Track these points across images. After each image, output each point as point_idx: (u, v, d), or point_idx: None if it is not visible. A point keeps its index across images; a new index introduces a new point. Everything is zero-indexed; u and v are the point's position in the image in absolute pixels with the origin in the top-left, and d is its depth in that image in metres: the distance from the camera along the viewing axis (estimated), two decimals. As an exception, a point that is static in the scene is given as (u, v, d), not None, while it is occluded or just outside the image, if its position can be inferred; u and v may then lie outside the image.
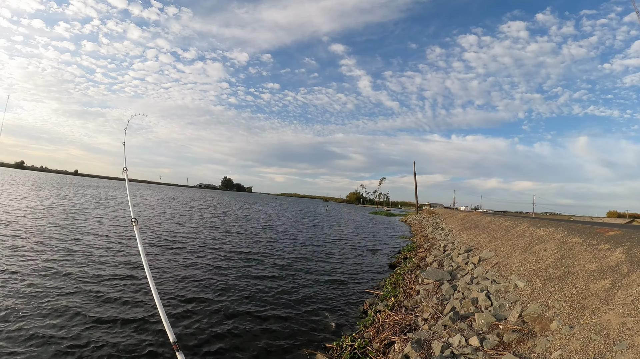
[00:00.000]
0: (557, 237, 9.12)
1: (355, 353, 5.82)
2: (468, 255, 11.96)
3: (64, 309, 6.97)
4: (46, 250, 11.58)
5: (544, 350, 4.23)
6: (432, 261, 12.84)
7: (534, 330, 4.87)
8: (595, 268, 5.85)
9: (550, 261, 7.36)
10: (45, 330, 6.00)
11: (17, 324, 6.10)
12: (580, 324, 4.38)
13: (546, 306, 5.30)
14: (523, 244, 10.09)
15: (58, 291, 7.93)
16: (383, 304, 8.49)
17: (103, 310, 7.13)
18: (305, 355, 6.12)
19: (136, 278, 9.46)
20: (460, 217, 32.77)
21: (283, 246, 18.00)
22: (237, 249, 15.67)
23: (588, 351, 3.78)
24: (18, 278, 8.52)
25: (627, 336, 3.73)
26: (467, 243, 14.75)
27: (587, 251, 6.87)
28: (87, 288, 8.32)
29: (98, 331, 6.20)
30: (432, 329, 5.92)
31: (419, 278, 10.14)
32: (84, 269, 9.81)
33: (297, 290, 10.10)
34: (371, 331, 6.57)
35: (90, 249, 12.46)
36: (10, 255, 10.46)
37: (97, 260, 11.05)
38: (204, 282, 9.85)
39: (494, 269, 8.71)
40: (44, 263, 9.96)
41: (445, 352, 4.75)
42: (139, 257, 10.36)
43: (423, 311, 7.29)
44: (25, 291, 7.66)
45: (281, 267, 12.82)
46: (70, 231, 15.55)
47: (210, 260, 12.89)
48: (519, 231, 12.77)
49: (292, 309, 8.47)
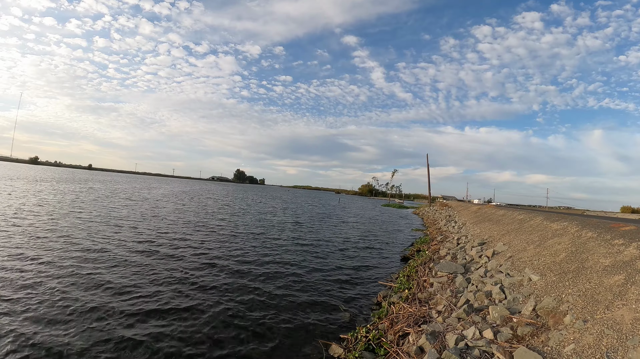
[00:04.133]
0: (571, 231, 9.10)
1: (370, 344, 5.96)
2: (482, 248, 11.98)
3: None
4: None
5: (557, 344, 4.32)
6: (446, 254, 12.89)
7: (547, 324, 4.96)
8: (609, 263, 5.88)
9: (564, 256, 7.38)
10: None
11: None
12: (593, 318, 4.46)
13: (560, 300, 5.36)
14: (537, 238, 10.08)
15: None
16: (397, 296, 8.61)
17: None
18: (320, 346, 6.27)
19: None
20: (473, 210, 32.55)
21: (294, 236, 18.26)
22: (248, 236, 15.99)
23: (601, 346, 3.86)
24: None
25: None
26: (481, 236, 14.74)
27: (601, 246, 6.87)
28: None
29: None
30: (446, 322, 6.05)
31: (433, 271, 10.23)
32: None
33: (311, 281, 10.30)
34: (385, 323, 6.70)
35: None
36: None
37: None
38: (216, 273, 10.11)
39: (508, 262, 8.76)
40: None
41: (460, 344, 4.87)
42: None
43: (437, 304, 7.40)
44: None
45: (294, 260, 13.04)
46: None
47: (222, 254, 13.16)
48: (532, 224, 12.72)
49: (306, 300, 8.66)
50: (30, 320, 6.17)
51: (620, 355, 3.61)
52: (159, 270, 9.96)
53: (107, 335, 5.90)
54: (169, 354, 5.56)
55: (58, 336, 5.72)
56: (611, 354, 3.67)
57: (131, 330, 6.17)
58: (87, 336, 5.82)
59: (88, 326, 6.14)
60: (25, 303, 6.85)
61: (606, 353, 3.69)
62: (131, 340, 5.80)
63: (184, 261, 11.17)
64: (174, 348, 5.74)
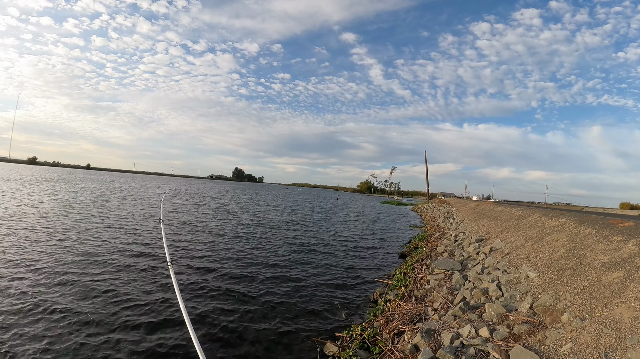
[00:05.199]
0: (569, 228, 9.01)
1: (365, 342, 5.86)
2: (479, 244, 11.91)
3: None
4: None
5: (554, 342, 4.22)
6: (443, 250, 12.82)
7: (544, 322, 4.86)
8: (608, 260, 5.79)
9: (562, 252, 7.29)
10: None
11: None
12: (591, 317, 4.36)
13: (557, 298, 5.27)
14: (535, 234, 10.00)
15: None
16: (393, 293, 8.52)
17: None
18: (314, 344, 6.19)
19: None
20: (471, 207, 32.51)
21: (291, 235, 18.14)
22: (243, 236, 15.88)
23: (599, 345, 3.77)
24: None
25: (639, 330, 3.71)
26: (479, 233, 14.67)
27: (599, 243, 6.78)
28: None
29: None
30: (442, 320, 5.96)
31: (430, 268, 10.15)
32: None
33: (306, 278, 10.20)
34: (381, 321, 6.61)
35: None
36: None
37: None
38: (214, 274, 10.01)
39: (505, 259, 8.67)
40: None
41: (455, 343, 4.78)
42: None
43: (433, 301, 7.31)
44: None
45: (290, 256, 12.94)
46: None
47: (222, 249, 13.06)
48: (530, 221, 12.64)
49: (301, 297, 8.56)
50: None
51: (619, 355, 3.51)
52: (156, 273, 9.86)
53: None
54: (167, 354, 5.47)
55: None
56: (610, 353, 3.57)
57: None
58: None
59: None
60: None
61: (604, 353, 3.59)
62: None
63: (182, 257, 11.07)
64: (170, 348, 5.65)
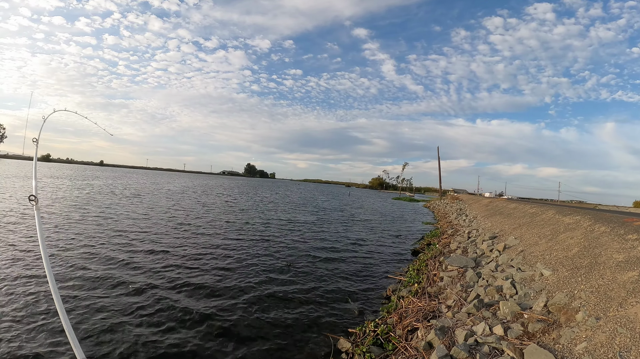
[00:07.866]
0: (584, 226, 8.94)
1: (378, 338, 5.95)
2: (493, 242, 11.86)
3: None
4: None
5: (568, 341, 4.25)
6: (456, 247, 12.80)
7: (559, 321, 4.88)
8: (623, 259, 5.76)
9: (576, 250, 7.25)
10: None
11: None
12: (606, 316, 4.37)
13: (572, 297, 5.27)
14: (549, 232, 9.93)
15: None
16: (406, 290, 8.57)
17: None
18: (328, 340, 6.29)
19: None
20: (484, 203, 32.23)
21: (305, 230, 18.31)
22: (255, 233, 16.09)
23: (614, 344, 3.79)
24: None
25: (654, 329, 3.72)
26: (492, 230, 14.59)
27: (614, 241, 6.74)
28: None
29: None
30: (456, 317, 6.01)
31: (443, 265, 10.17)
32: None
33: (319, 274, 10.33)
34: (394, 317, 6.68)
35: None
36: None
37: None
38: (226, 266, 10.20)
39: (519, 257, 8.65)
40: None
41: (469, 340, 4.84)
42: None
43: (447, 298, 7.35)
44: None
45: (302, 252, 13.07)
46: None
47: (232, 247, 13.26)
48: (544, 218, 12.53)
49: (315, 294, 8.69)
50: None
51: (633, 355, 3.53)
52: (157, 268, 10.09)
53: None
54: (175, 346, 5.64)
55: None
56: (624, 353, 3.60)
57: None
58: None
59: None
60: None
61: (619, 352, 3.62)
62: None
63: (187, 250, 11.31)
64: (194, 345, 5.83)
